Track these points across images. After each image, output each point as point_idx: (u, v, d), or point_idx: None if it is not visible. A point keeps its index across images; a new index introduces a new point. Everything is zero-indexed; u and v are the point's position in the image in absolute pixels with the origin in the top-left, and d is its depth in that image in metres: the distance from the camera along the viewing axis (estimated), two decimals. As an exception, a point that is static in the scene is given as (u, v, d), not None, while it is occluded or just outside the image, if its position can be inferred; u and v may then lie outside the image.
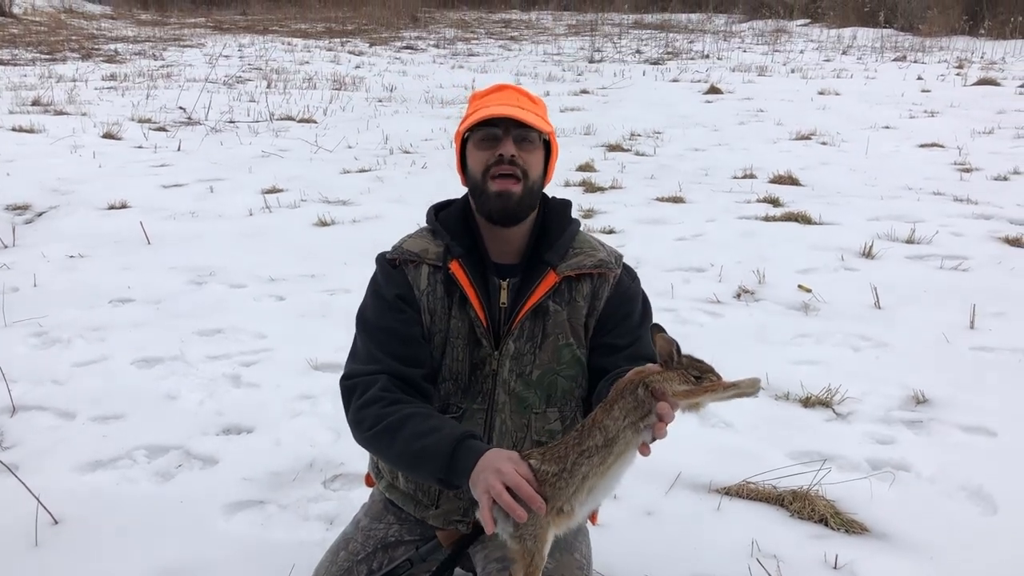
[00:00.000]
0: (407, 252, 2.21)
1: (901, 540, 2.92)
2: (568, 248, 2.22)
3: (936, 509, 3.12)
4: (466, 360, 2.18)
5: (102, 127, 10.75)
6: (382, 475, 2.38)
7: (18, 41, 19.29)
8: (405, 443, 1.96)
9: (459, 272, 2.15)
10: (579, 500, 1.86)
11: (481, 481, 1.81)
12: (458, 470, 1.88)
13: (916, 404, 3.94)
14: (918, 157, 9.73)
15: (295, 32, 24.41)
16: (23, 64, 16.14)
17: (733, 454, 3.50)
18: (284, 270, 5.86)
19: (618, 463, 1.86)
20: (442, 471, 1.91)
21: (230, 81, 15.13)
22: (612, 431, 1.84)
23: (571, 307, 2.19)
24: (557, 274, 2.16)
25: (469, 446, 1.90)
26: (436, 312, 2.18)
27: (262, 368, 4.37)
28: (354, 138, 10.79)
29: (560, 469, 1.84)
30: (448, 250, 2.17)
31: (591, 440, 1.85)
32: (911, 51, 20.31)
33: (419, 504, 2.28)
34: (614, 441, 1.84)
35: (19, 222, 7.07)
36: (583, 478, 1.84)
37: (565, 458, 1.85)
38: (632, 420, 1.83)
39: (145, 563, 2.81)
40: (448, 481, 1.92)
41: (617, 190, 8.26)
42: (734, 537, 2.94)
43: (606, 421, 1.85)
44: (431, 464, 1.92)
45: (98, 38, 21.21)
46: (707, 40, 22.76)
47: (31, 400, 3.99)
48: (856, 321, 4.92)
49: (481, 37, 24.47)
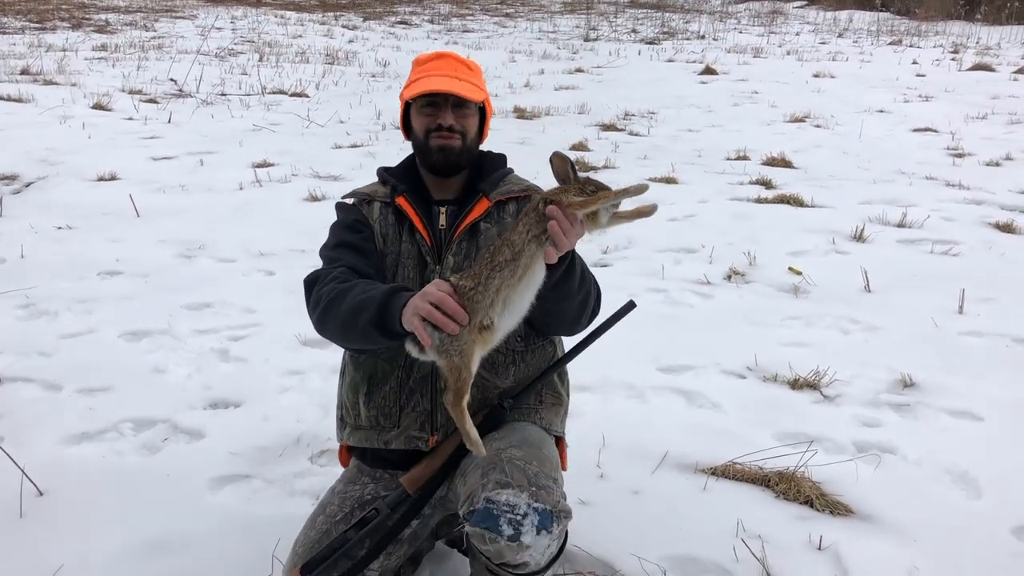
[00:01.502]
0: (359, 193, 2.55)
1: (885, 522, 2.93)
2: (500, 181, 2.51)
3: (921, 492, 3.13)
4: (416, 279, 2.40)
5: (92, 98, 10.66)
6: (346, 423, 2.51)
7: (7, 9, 19.07)
8: (349, 303, 2.16)
9: (405, 204, 2.45)
10: (496, 312, 2.04)
11: (409, 307, 2.00)
12: (390, 311, 2.06)
13: (903, 388, 3.95)
14: (911, 141, 9.72)
15: (288, 5, 24.19)
16: (12, 32, 15.96)
17: (720, 435, 3.50)
18: (274, 245, 5.83)
19: (527, 275, 2.05)
20: (377, 316, 2.08)
21: (222, 53, 15.00)
22: (518, 245, 2.03)
23: (500, 224, 2.44)
24: (489, 200, 2.44)
25: (402, 294, 2.09)
26: (388, 236, 2.46)
27: (251, 343, 4.36)
28: (346, 113, 10.73)
29: (475, 283, 2.02)
30: (395, 189, 2.49)
31: (500, 256, 2.04)
32: (907, 35, 20.27)
33: (382, 431, 2.42)
34: (520, 254, 2.03)
35: (7, 192, 7.01)
36: (496, 290, 2.02)
37: (480, 274, 2.03)
38: (535, 233, 2.03)
39: (130, 536, 2.80)
40: (383, 324, 2.08)
41: (610, 169, 8.24)
42: (719, 517, 2.94)
43: (512, 237, 2.05)
44: (367, 312, 2.10)
45: (89, 7, 20.96)
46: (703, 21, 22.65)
47: (17, 372, 3.97)
48: (846, 304, 4.92)
49: (476, 13, 24.29)
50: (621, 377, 3.96)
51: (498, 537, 1.99)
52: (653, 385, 3.96)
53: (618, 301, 2.42)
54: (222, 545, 2.78)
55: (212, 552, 2.74)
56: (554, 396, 2.54)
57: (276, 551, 2.67)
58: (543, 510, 2.03)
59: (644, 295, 5.04)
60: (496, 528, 1.99)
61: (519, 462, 2.14)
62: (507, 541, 1.98)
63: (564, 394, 2.58)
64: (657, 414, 3.72)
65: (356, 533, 2.24)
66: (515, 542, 1.98)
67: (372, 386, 2.42)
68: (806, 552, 2.78)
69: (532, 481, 2.08)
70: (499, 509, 2.01)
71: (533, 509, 2.02)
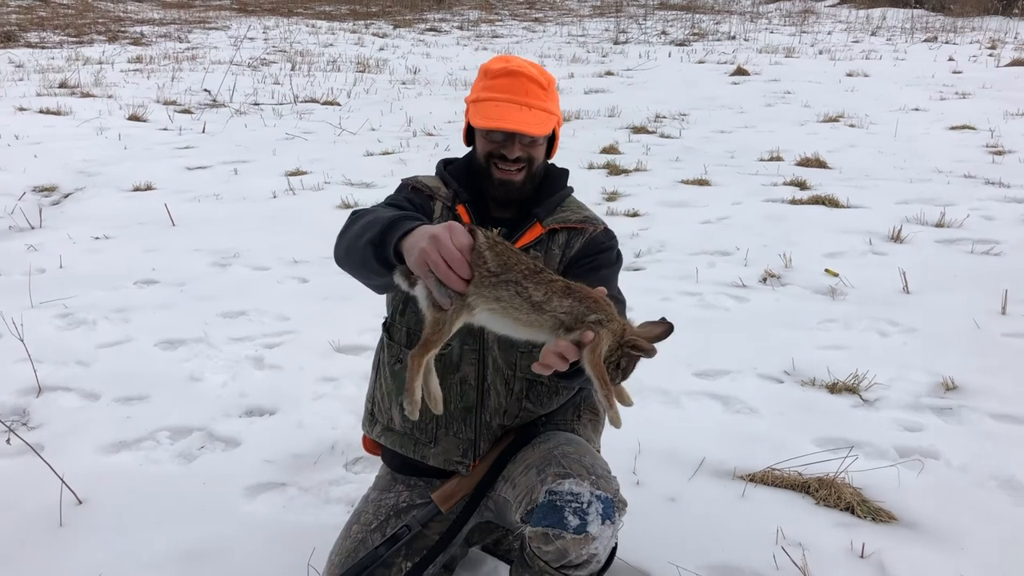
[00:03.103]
0: (424, 184, 2.42)
1: (930, 530, 2.87)
2: (557, 206, 2.39)
3: (966, 498, 3.06)
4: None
5: (128, 109, 10.81)
6: (376, 421, 2.48)
7: (46, 24, 19.41)
8: (361, 223, 2.02)
9: (464, 215, 2.34)
10: (487, 308, 1.84)
11: (415, 248, 1.79)
12: (390, 235, 1.88)
13: (945, 391, 3.87)
14: (949, 139, 9.56)
15: (320, 14, 24.38)
16: (51, 47, 16.24)
17: (758, 440, 3.45)
18: (307, 252, 5.86)
19: (527, 327, 1.85)
20: (379, 235, 1.91)
21: (255, 63, 15.15)
22: (548, 309, 1.82)
23: (548, 255, 2.33)
24: (543, 226, 2.33)
25: (407, 222, 1.90)
26: None
27: (285, 350, 4.38)
28: (377, 120, 10.78)
29: (495, 272, 1.82)
30: (456, 195, 2.38)
31: (534, 289, 1.83)
32: (942, 31, 19.97)
33: (417, 443, 2.38)
34: (540, 311, 1.82)
35: (46, 204, 7.13)
36: (498, 300, 1.83)
37: (509, 270, 1.83)
38: (561, 321, 1.82)
39: (167, 544, 2.82)
40: (380, 246, 1.91)
41: (642, 172, 8.19)
42: (759, 525, 2.90)
43: (555, 300, 1.83)
44: (370, 232, 1.94)
45: (124, 20, 21.29)
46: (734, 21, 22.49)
47: (57, 381, 4.01)
48: (884, 306, 4.84)
49: (505, 19, 24.32)
50: (656, 382, 3.92)
51: (563, 532, 1.94)
52: (688, 390, 3.92)
53: (652, 305, 2.40)
54: (258, 553, 2.78)
55: (248, 560, 2.75)
56: (592, 413, 2.51)
57: (312, 560, 2.67)
58: (606, 498, 2.00)
59: (678, 298, 4.99)
60: (561, 522, 1.95)
61: (573, 455, 2.12)
62: (573, 534, 1.94)
63: (602, 411, 2.55)
64: (693, 420, 3.68)
65: (387, 549, 2.23)
66: (581, 533, 1.94)
67: None
68: (848, 560, 2.73)
69: (591, 471, 2.06)
70: (562, 500, 1.98)
71: (596, 497, 1.99)
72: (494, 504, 2.32)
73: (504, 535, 2.64)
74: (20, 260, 5.67)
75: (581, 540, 1.94)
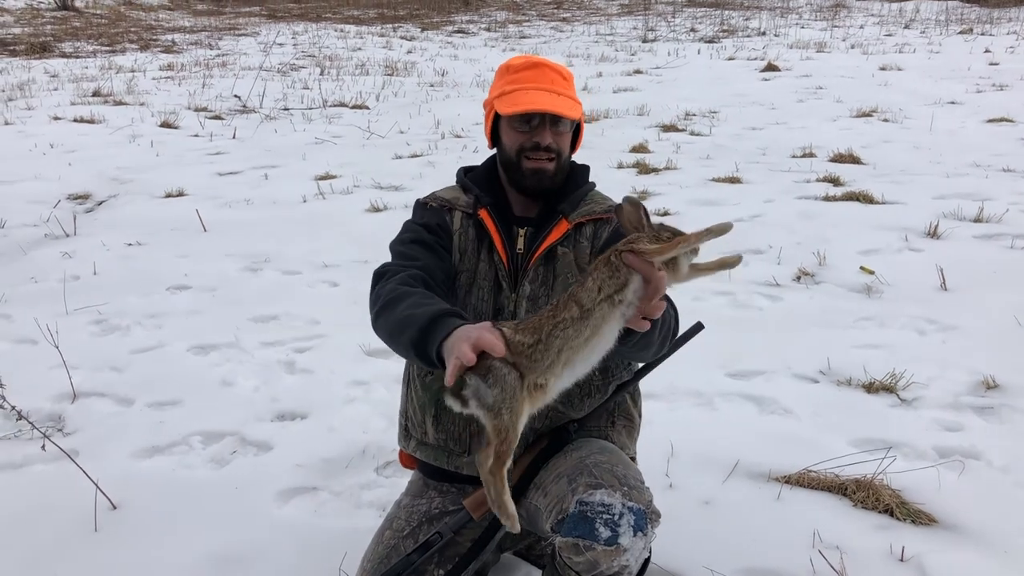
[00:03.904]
0: (440, 198, 2.44)
1: (972, 532, 2.80)
2: (580, 200, 2.38)
3: (1009, 500, 2.98)
4: (490, 302, 2.32)
5: (160, 116, 10.93)
6: (411, 435, 2.46)
7: (80, 34, 19.71)
8: (400, 311, 2.01)
9: (487, 219, 2.34)
10: (555, 373, 1.82)
11: (454, 348, 1.77)
12: (430, 338, 1.87)
13: (986, 389, 3.78)
14: (986, 132, 9.39)
15: (348, 19, 24.52)
16: (85, 56, 16.48)
17: (793, 441, 3.40)
18: (338, 256, 5.88)
19: (595, 338, 1.81)
20: (417, 338, 1.90)
21: (284, 69, 15.26)
22: (587, 303, 1.80)
23: (577, 248, 2.33)
24: (569, 222, 2.33)
25: (448, 320, 1.89)
26: (467, 252, 2.35)
27: (316, 354, 4.39)
28: (406, 123, 10.80)
29: (535, 340, 1.80)
30: (477, 199, 2.38)
31: (566, 312, 1.81)
32: (978, 23, 19.63)
33: (451, 454, 2.37)
34: (589, 313, 1.79)
35: (80, 211, 7.22)
36: (558, 351, 1.80)
37: (540, 329, 1.81)
38: (608, 293, 1.79)
39: (200, 549, 2.83)
40: (421, 347, 1.89)
41: (672, 171, 8.12)
42: (795, 527, 2.85)
43: (580, 294, 1.81)
44: (410, 330, 1.92)
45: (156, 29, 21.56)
46: (763, 17, 22.27)
47: (91, 387, 4.05)
48: (921, 303, 4.75)
49: (532, 19, 24.29)
50: (689, 384, 3.88)
51: (594, 543, 1.92)
52: (722, 391, 3.87)
53: (683, 305, 2.35)
54: (290, 558, 2.78)
55: (280, 566, 2.75)
56: (626, 419, 2.48)
57: (343, 565, 2.66)
58: (638, 509, 1.97)
59: (710, 298, 4.94)
60: (592, 533, 1.93)
61: (606, 464, 2.09)
62: (604, 545, 1.92)
63: (637, 415, 2.52)
64: (727, 421, 3.63)
65: (420, 556, 2.21)
66: (612, 545, 1.92)
67: (440, 410, 2.36)
68: (887, 563, 2.68)
69: (623, 481, 2.03)
70: (593, 511, 1.95)
71: (628, 508, 1.96)
72: (525, 511, 2.29)
73: (536, 540, 2.62)
74: (55, 267, 5.74)
75: (612, 552, 1.92)
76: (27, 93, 12.16)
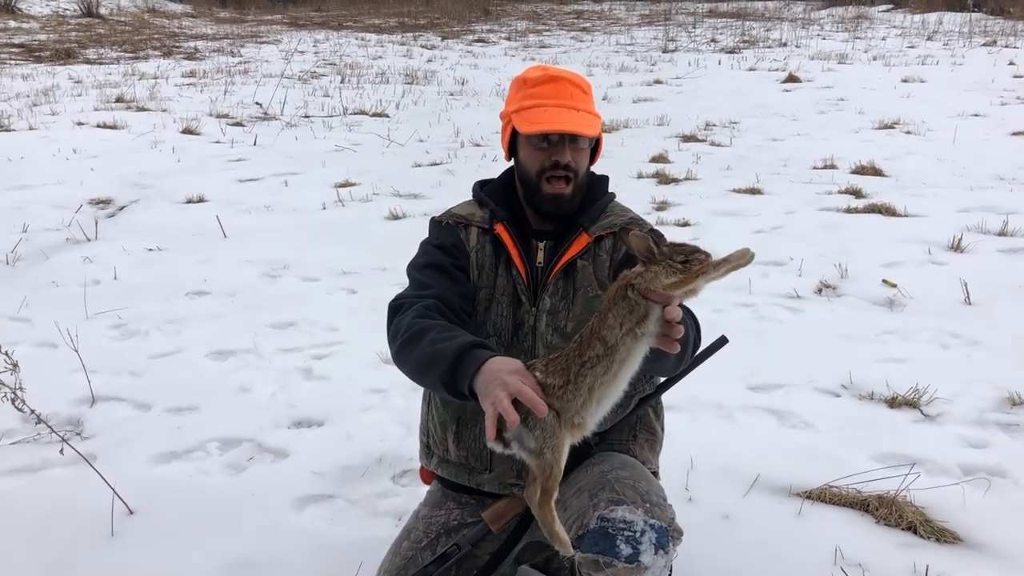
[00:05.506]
0: (455, 215, 2.42)
1: (997, 551, 2.75)
2: (600, 213, 2.36)
3: (1036, 519, 2.93)
4: (510, 317, 2.30)
5: (181, 123, 10.99)
6: (433, 453, 2.44)
7: (104, 41, 19.87)
8: (423, 347, 2.02)
9: (504, 233, 2.33)
10: (589, 411, 1.86)
11: (489, 393, 1.79)
12: (460, 374, 1.90)
13: (1012, 406, 3.73)
14: (1010, 145, 9.29)
15: (368, 27, 24.63)
16: (108, 63, 16.62)
17: (814, 456, 3.35)
18: (357, 263, 5.88)
19: (623, 370, 1.86)
20: (447, 374, 1.93)
21: (305, 76, 15.32)
22: (611, 340, 1.83)
23: (596, 261, 2.30)
24: (589, 235, 2.31)
25: (475, 353, 1.92)
26: (484, 268, 2.33)
27: (334, 361, 4.38)
28: (426, 131, 10.82)
29: (565, 381, 1.84)
30: (493, 214, 2.36)
31: (591, 351, 1.84)
32: (1002, 35, 19.45)
33: (472, 471, 2.35)
34: (615, 349, 1.83)
35: (101, 216, 7.26)
36: (589, 389, 1.84)
37: (568, 370, 1.85)
38: (629, 327, 1.82)
39: (217, 555, 2.82)
40: (452, 385, 1.93)
41: (692, 181, 8.09)
42: (816, 544, 2.81)
43: (603, 331, 1.83)
44: (438, 367, 1.94)
45: (178, 36, 21.72)
46: (785, 28, 22.19)
47: (110, 391, 4.06)
48: (945, 317, 4.70)
49: (553, 29, 24.30)
50: (709, 396, 3.84)
51: (615, 560, 1.89)
52: (742, 404, 3.83)
53: (703, 316, 2.33)
54: (306, 566, 2.77)
55: (296, 574, 2.74)
56: (649, 432, 2.45)
57: (359, 574, 2.64)
58: (660, 527, 1.94)
59: (731, 310, 4.90)
60: (612, 550, 1.90)
61: (628, 480, 2.07)
62: (624, 563, 1.89)
63: (659, 429, 2.49)
64: (747, 435, 3.59)
65: (437, 568, 2.19)
66: (633, 563, 1.89)
67: (461, 427, 2.35)
68: (911, 582, 2.63)
69: (645, 498, 2.01)
70: (615, 527, 1.93)
71: (650, 526, 1.93)
72: None
73: (555, 554, 2.59)
74: (76, 272, 5.77)
75: (632, 570, 1.89)
76: (51, 99, 12.27)
